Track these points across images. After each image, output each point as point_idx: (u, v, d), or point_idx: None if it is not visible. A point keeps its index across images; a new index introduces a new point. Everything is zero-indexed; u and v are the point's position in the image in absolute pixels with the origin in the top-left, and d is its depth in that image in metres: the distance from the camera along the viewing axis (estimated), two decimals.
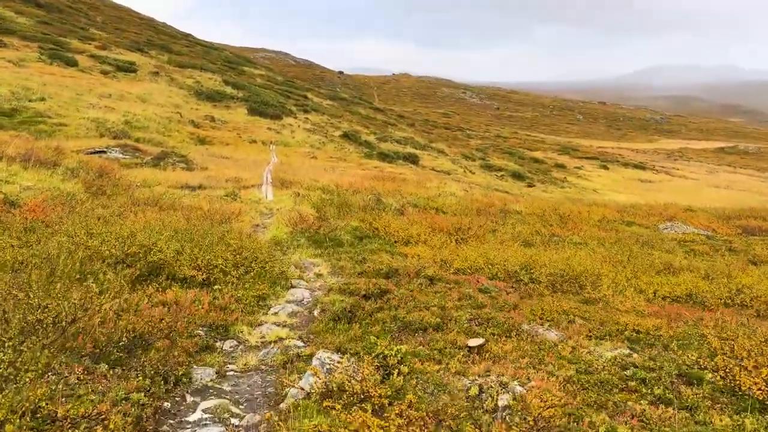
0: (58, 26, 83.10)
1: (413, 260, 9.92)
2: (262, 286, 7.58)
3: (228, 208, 13.61)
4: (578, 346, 5.88)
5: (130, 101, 46.00)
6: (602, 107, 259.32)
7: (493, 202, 24.68)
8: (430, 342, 5.94)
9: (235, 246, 8.27)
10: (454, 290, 7.65)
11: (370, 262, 9.47)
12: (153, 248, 7.34)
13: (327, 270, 9.78)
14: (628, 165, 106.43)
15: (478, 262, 9.91)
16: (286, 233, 12.23)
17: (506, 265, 9.82)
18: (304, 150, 46.21)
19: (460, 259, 10.12)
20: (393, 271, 8.61)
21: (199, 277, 7.21)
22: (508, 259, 10.16)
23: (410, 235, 12.53)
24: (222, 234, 8.77)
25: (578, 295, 8.74)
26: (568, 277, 9.43)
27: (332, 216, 14.83)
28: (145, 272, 7.06)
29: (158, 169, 22.30)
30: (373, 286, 7.50)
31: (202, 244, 7.92)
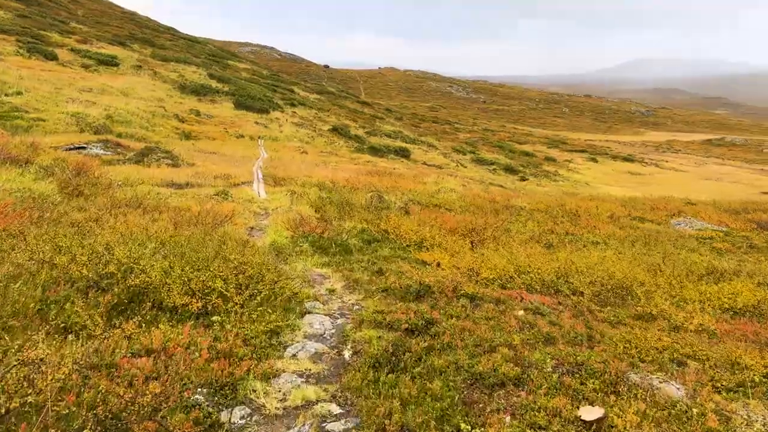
0: (37, 19, 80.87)
1: (438, 271, 8.70)
2: (273, 315, 5.97)
3: (220, 209, 12.33)
4: (719, 409, 4.57)
5: (112, 95, 44.33)
6: (588, 100, 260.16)
7: (494, 197, 23.57)
8: (519, 409, 4.36)
9: (236, 262, 6.75)
10: (506, 314, 6.42)
11: (390, 274, 8.21)
12: (135, 267, 5.90)
13: (340, 284, 8.45)
14: (617, 158, 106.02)
15: (507, 270, 8.77)
16: (286, 238, 10.94)
17: (540, 274, 8.68)
18: (294, 144, 44.82)
19: (486, 266, 8.97)
20: (425, 288, 7.29)
21: (194, 306, 5.65)
22: (539, 265, 9.02)
23: (423, 237, 11.34)
24: (219, 245, 7.35)
25: (629, 308, 7.63)
26: (610, 286, 8.31)
27: (334, 216, 13.60)
28: (125, 299, 5.54)
29: (142, 166, 20.88)
30: (414, 316, 6.04)
31: (195, 260, 6.43)
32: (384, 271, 8.53)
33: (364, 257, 9.69)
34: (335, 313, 7.18)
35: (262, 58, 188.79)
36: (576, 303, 7.66)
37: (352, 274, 8.76)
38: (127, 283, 5.68)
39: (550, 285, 8.39)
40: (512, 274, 8.69)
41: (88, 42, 75.47)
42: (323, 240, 10.53)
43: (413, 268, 8.64)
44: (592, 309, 7.45)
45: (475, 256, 10.15)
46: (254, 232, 12.01)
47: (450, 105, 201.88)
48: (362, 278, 8.47)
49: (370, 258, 9.60)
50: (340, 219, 13.41)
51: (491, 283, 8.26)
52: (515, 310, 6.69)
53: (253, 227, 12.45)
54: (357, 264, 9.22)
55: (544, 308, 6.93)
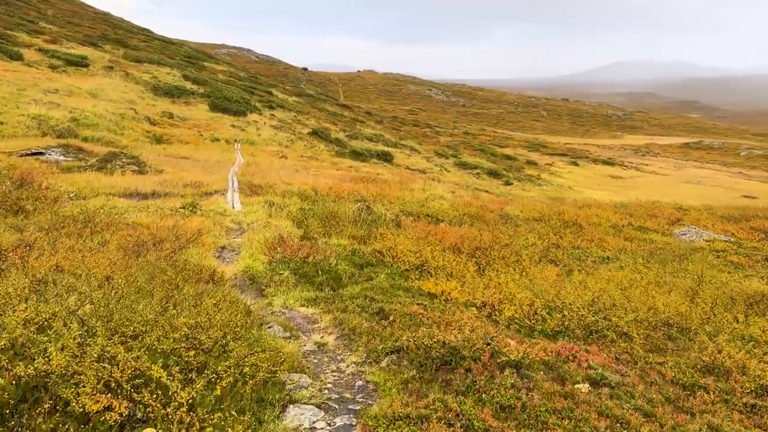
0: (4, 19, 78.06)
1: (455, 312, 7.10)
2: (239, 424, 3.89)
3: (185, 226, 10.66)
4: None
5: (80, 97, 42.13)
6: (566, 104, 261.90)
7: (487, 205, 22.15)
8: None
9: (187, 327, 4.71)
10: (573, 398, 4.84)
11: (395, 318, 6.59)
12: (34, 347, 3.97)
13: (333, 335, 6.64)
14: (597, 161, 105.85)
15: (533, 305, 7.30)
16: (262, 263, 9.26)
17: (573, 310, 7.22)
18: (272, 149, 43.02)
19: (506, 299, 7.48)
20: (450, 352, 5.51)
21: (115, 411, 3.66)
22: (567, 296, 7.57)
23: (424, 259, 9.81)
24: (169, 293, 5.51)
25: (691, 355, 6.18)
26: (655, 322, 6.87)
27: (318, 232, 12.01)
28: (10, 398, 3.63)
29: (104, 173, 19.05)
30: (454, 418, 4.23)
31: (128, 323, 4.54)
32: (387, 314, 6.92)
33: (358, 289, 8.09)
34: (330, 395, 5.24)
35: (239, 60, 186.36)
36: (628, 351, 6.21)
37: (346, 317, 7.06)
38: (15, 372, 3.66)
39: (590, 326, 6.92)
40: (538, 308, 7.22)
41: (57, 42, 72.88)
42: (307, 266, 8.89)
43: (422, 308, 7.08)
44: (651, 362, 6.00)
45: (485, 281, 8.66)
46: (225, 253, 10.34)
47: (430, 108, 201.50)
48: (360, 325, 6.75)
49: (365, 290, 7.99)
50: (325, 235, 11.83)
51: (520, 325, 6.77)
52: (577, 383, 5.17)
53: (224, 247, 10.76)
54: (351, 301, 7.57)
55: (611, 375, 5.39)
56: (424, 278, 8.98)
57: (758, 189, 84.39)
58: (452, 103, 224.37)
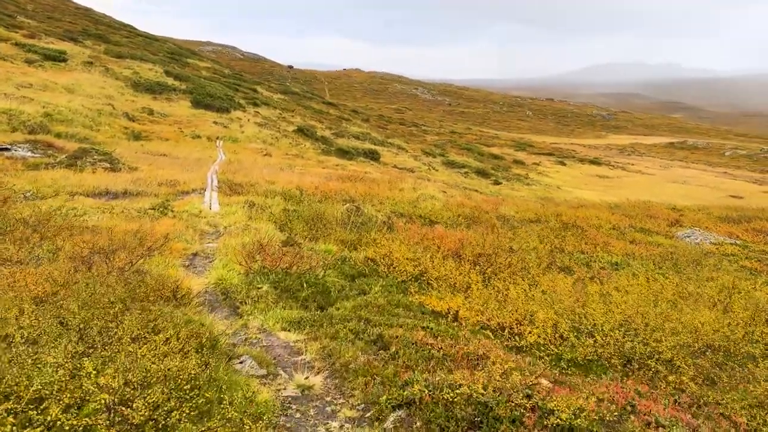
0: None
1: (464, 335, 5.99)
2: None
3: (153, 230, 9.46)
4: None
5: (55, 92, 40.52)
6: (551, 104, 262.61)
7: (481, 206, 21.13)
8: None
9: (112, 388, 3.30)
10: None
11: (396, 348, 5.39)
12: None
13: (322, 374, 5.32)
14: (584, 161, 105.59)
15: (557, 325, 6.25)
16: (238, 274, 8.06)
17: (603, 330, 6.17)
18: (256, 146, 41.69)
19: (524, 320, 6.42)
20: (482, 410, 4.22)
21: None
22: (592, 314, 6.52)
23: (423, 268, 8.71)
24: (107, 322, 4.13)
25: (748, 387, 5.17)
26: (698, 348, 5.85)
27: (302, 236, 10.86)
28: None
29: (73, 171, 17.73)
30: None
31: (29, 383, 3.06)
32: (387, 343, 5.72)
33: (350, 306, 6.90)
34: None
35: (223, 58, 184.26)
36: (680, 387, 5.18)
37: (336, 347, 5.78)
38: None
39: (627, 353, 5.87)
40: (565, 331, 6.16)
41: (36, 37, 70.85)
42: (290, 278, 7.68)
43: (429, 334, 5.94)
44: (711, 401, 4.97)
45: (493, 294, 7.59)
46: (197, 261, 9.15)
47: (416, 107, 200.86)
48: (355, 358, 5.44)
49: (358, 308, 6.80)
50: (311, 239, 10.69)
51: (544, 352, 5.71)
52: None
53: (196, 254, 9.56)
54: (342, 324, 6.31)
55: None
56: (425, 291, 7.89)
57: (744, 189, 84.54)
58: (438, 102, 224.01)
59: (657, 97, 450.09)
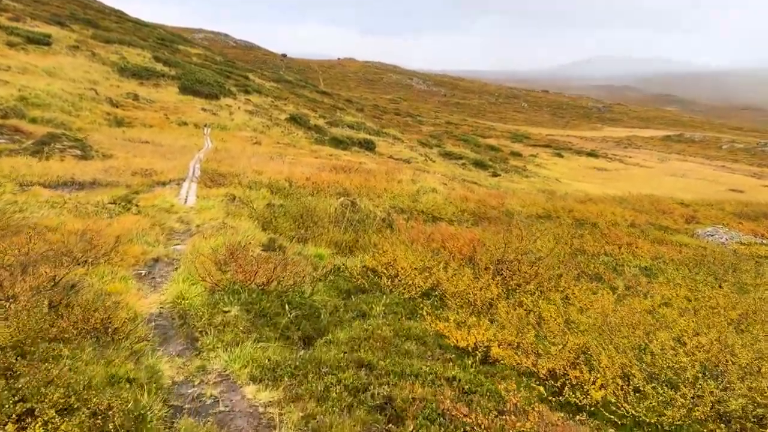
0: None
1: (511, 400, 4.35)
2: None
3: (108, 229, 7.84)
4: None
5: (35, 75, 38.55)
6: (546, 96, 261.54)
7: (485, 200, 19.56)
8: None
9: None
10: None
11: (417, 428, 3.75)
12: None
13: None
14: (581, 153, 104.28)
15: (626, 368, 4.68)
16: (201, 292, 6.36)
17: (686, 378, 4.65)
18: (246, 134, 39.91)
19: (577, 358, 4.88)
20: None
21: None
22: (662, 351, 4.98)
23: (435, 281, 7.12)
24: None
25: None
26: None
27: (288, 236, 9.26)
28: None
29: (38, 158, 16.03)
30: None
31: None
32: (400, 412, 3.98)
33: (346, 339, 5.18)
34: None
35: (216, 45, 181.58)
36: None
37: (326, 419, 3.94)
38: None
39: (730, 416, 4.33)
40: (640, 382, 4.59)
41: (21, 20, 68.41)
42: (268, 297, 5.94)
43: (457, 390, 4.36)
44: None
45: (523, 315, 6.04)
46: (158, 270, 7.52)
47: (411, 98, 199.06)
48: None
49: (356, 343, 5.08)
50: (299, 240, 9.10)
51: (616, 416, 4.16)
52: None
53: (157, 259, 7.91)
54: (334, 376, 4.48)
55: None
56: (439, 313, 6.28)
57: (744, 183, 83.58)
58: (433, 92, 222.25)
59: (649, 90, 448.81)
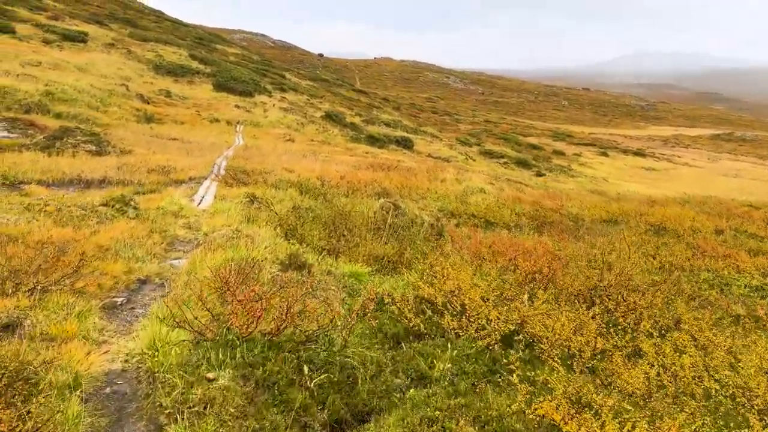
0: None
1: None
2: None
3: (93, 238, 6.09)
4: None
5: (66, 71, 37.70)
6: (587, 93, 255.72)
7: (540, 202, 17.34)
8: None
9: None
10: None
11: None
12: None
13: None
14: (627, 152, 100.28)
15: None
16: (181, 341, 4.34)
17: None
18: (279, 131, 38.38)
19: None
20: None
21: None
22: None
23: (521, 317, 5.07)
24: None
25: None
26: None
27: (317, 246, 7.38)
28: None
29: (48, 153, 14.59)
30: None
31: None
32: None
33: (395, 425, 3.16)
34: None
35: (254, 45, 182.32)
36: None
37: None
38: None
39: None
40: None
41: (59, 18, 68.50)
42: (278, 354, 3.82)
43: None
44: None
45: (652, 374, 4.02)
46: (140, 296, 5.66)
47: (447, 96, 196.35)
48: None
49: None
50: (330, 253, 7.21)
51: None
52: None
53: (146, 281, 6.03)
54: None
55: None
56: (532, 375, 4.25)
57: None
58: (471, 91, 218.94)
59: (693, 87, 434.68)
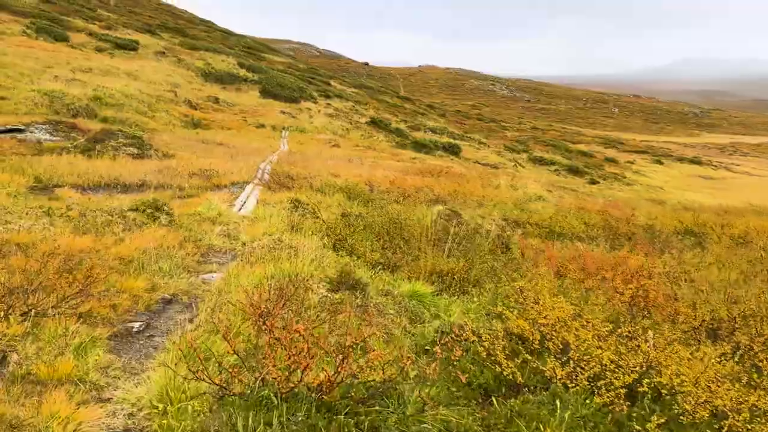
0: (63, 5, 76.09)
1: None
2: None
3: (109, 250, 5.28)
4: None
5: (115, 77, 37.97)
6: (638, 100, 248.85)
7: (606, 210, 15.91)
8: None
9: None
10: None
11: None
12: None
13: None
14: (682, 160, 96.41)
15: None
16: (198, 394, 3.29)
17: None
18: (324, 137, 37.76)
19: None
20: None
21: None
22: None
23: (647, 361, 3.90)
24: None
25: None
26: None
27: (370, 259, 6.37)
28: None
29: (88, 156, 14.10)
30: None
31: None
32: None
33: None
34: None
35: (301, 55, 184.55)
36: None
37: None
38: None
39: None
40: None
41: (113, 28, 70.07)
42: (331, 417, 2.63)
43: None
44: None
45: None
46: (163, 320, 4.71)
47: (493, 103, 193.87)
48: None
49: None
50: (385, 267, 6.20)
51: None
52: None
53: (170, 300, 5.06)
54: None
55: None
56: None
57: None
58: (516, 98, 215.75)
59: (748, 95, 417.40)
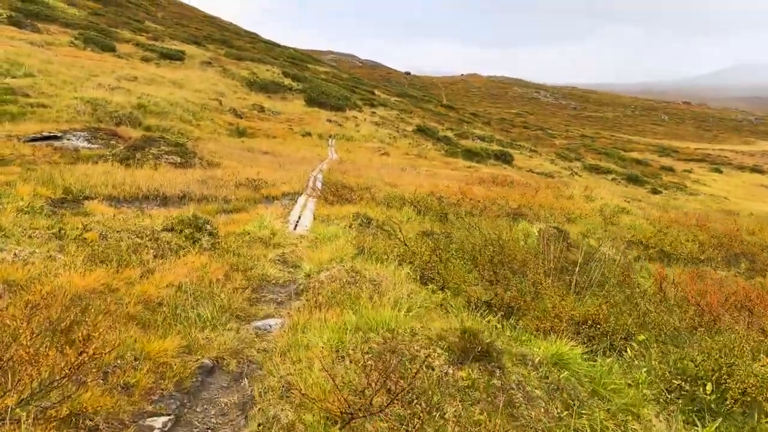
0: (111, 17, 77.22)
1: None
2: None
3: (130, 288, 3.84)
4: None
5: (161, 85, 37.37)
6: (688, 107, 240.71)
7: (706, 225, 13.82)
8: None
9: None
10: None
11: None
12: None
13: None
14: (743, 168, 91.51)
15: None
16: None
17: None
18: (372, 145, 36.31)
19: None
20: None
21: None
22: None
23: None
24: None
25: None
26: None
27: (477, 294, 4.71)
28: None
29: (125, 165, 12.88)
30: None
31: None
32: None
33: None
34: None
35: (343, 65, 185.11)
36: None
37: None
38: None
39: None
40: None
41: (159, 39, 70.57)
42: None
43: None
44: None
45: None
46: (198, 411, 3.19)
47: (537, 111, 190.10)
48: None
49: None
50: (493, 308, 4.52)
51: None
52: None
53: (212, 369, 3.37)
54: None
55: None
56: None
57: None
58: (562, 106, 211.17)
59: None
